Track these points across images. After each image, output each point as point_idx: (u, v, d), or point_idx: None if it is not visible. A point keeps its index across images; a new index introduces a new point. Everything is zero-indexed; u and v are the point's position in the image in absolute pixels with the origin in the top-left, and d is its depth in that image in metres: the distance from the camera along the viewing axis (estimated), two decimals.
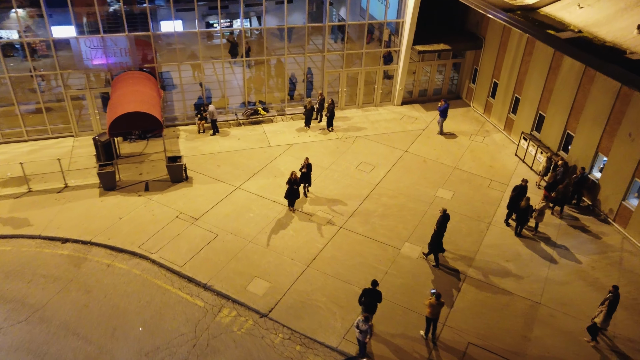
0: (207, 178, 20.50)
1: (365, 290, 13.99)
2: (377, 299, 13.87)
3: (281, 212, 18.82)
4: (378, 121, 25.46)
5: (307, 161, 19.29)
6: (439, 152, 23.12)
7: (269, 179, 20.61)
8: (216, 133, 23.52)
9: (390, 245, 17.55)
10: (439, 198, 20.06)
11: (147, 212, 18.49)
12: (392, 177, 21.14)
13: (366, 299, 13.94)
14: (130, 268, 16.29)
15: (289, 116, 25.31)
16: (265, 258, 16.71)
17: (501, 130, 24.88)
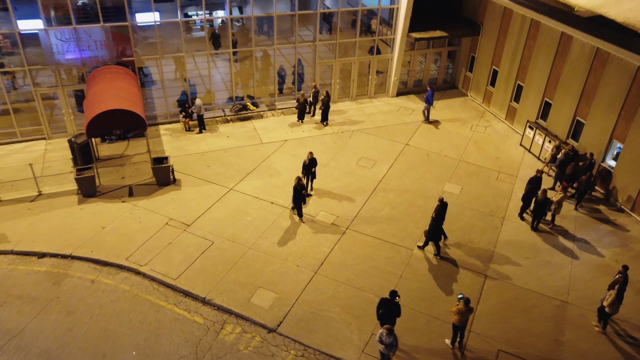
0: (197, 180, 18.83)
1: (383, 301, 12.59)
2: (396, 312, 12.45)
3: (281, 214, 17.31)
4: (374, 114, 24.12)
5: (311, 156, 17.85)
6: (441, 144, 21.91)
7: (264, 179, 19.05)
8: (203, 131, 21.82)
9: (402, 247, 16.23)
10: (447, 193, 18.83)
11: (133, 219, 16.74)
12: (395, 173, 19.82)
13: (383, 311, 12.55)
14: (117, 283, 14.55)
15: (279, 111, 23.76)
16: (268, 266, 15.19)
17: (502, 119, 23.83)
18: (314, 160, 18.04)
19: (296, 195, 16.65)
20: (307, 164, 17.98)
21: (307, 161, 17.98)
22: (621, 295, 13.31)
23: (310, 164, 17.99)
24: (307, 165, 17.99)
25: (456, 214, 17.77)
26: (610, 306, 13.33)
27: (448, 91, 26.73)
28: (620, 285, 13.29)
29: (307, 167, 17.98)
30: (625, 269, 13.56)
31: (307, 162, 17.96)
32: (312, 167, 17.99)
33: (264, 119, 23.19)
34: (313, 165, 18.04)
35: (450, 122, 23.72)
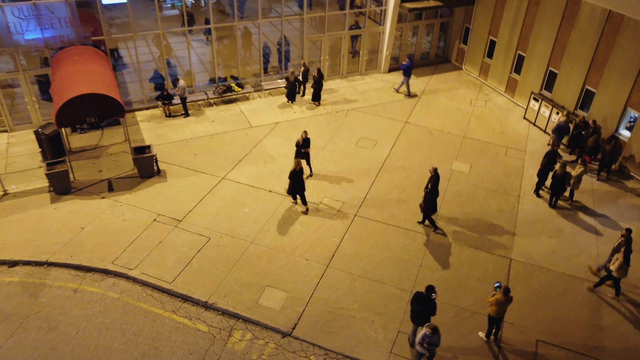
0: (184, 170, 17.00)
1: (417, 296, 11.21)
2: (431, 310, 11.10)
3: (281, 203, 15.71)
4: (367, 91, 22.60)
5: (305, 135, 16.31)
6: (442, 120, 20.61)
7: (259, 166, 17.37)
8: (186, 115, 19.89)
9: (417, 232, 14.90)
10: (456, 172, 17.57)
11: (116, 217, 14.86)
12: (398, 153, 18.43)
13: (415, 307, 11.17)
14: (104, 291, 12.76)
15: (266, 92, 21.97)
16: (274, 262, 13.62)
17: (502, 92, 22.67)
18: (308, 140, 16.54)
19: (297, 181, 15.11)
20: (301, 144, 16.47)
21: (301, 141, 16.46)
22: (628, 258, 12.63)
23: (305, 144, 16.50)
24: (302, 145, 16.48)
25: (469, 194, 16.55)
26: (619, 270, 12.63)
27: (441, 65, 25.42)
28: (625, 248, 12.64)
29: (301, 147, 16.49)
30: (628, 232, 13.02)
31: (300, 142, 16.45)
32: (305, 147, 16.50)
33: (250, 100, 21.39)
34: (306, 146, 16.54)
35: (448, 97, 22.43)
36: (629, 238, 12.98)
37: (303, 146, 16.51)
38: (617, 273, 12.69)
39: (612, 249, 13.41)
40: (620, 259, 12.58)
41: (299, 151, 16.54)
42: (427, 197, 14.42)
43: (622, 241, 13.07)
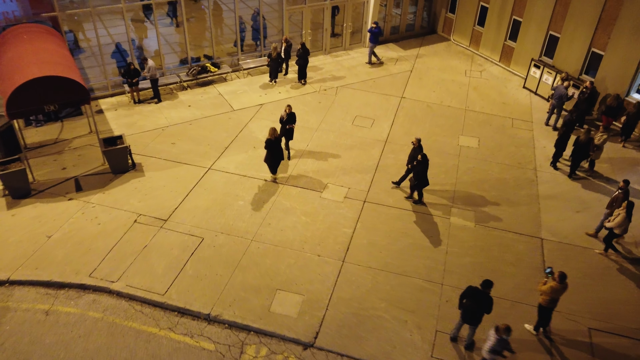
0: (163, 162, 14.83)
1: (470, 290, 9.60)
2: (485, 307, 9.50)
3: (280, 192, 13.83)
4: (355, 67, 20.83)
5: (289, 110, 14.68)
6: (439, 93, 19.10)
7: (248, 152, 15.38)
8: (158, 101, 17.60)
9: (436, 215, 13.35)
10: (465, 147, 16.11)
11: (89, 221, 12.63)
12: (399, 130, 16.80)
13: (468, 303, 9.59)
14: (83, 311, 10.62)
15: (245, 72, 19.87)
16: (281, 260, 11.78)
17: (496, 62, 21.36)
18: (293, 115, 14.82)
19: (274, 151, 13.63)
20: (286, 119, 14.73)
21: (285, 116, 14.74)
22: (630, 213, 11.78)
23: (289, 120, 14.77)
24: (286, 121, 14.75)
25: (483, 170, 15.12)
26: (620, 226, 11.79)
27: (427, 37, 23.89)
28: (628, 202, 11.84)
29: (285, 124, 14.80)
30: (626, 183, 12.38)
31: (284, 118, 14.74)
32: (290, 123, 14.79)
33: (229, 82, 19.25)
34: (291, 121, 14.82)
35: (440, 69, 20.93)
36: (627, 190, 12.26)
37: (287, 122, 14.77)
38: (619, 229, 11.85)
39: (608, 202, 12.56)
40: (622, 214, 11.67)
41: (284, 128, 14.82)
42: (418, 171, 13.01)
43: (619, 194, 12.25)
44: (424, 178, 13.13)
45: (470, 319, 9.58)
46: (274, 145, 13.58)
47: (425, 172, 13.02)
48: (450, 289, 11.31)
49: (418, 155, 13.01)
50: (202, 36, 20.93)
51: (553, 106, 16.94)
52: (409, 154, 13.78)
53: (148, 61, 16.78)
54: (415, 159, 13.08)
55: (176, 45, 20.64)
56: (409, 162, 13.60)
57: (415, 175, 13.19)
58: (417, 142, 13.39)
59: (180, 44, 20.23)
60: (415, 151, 13.34)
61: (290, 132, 15.08)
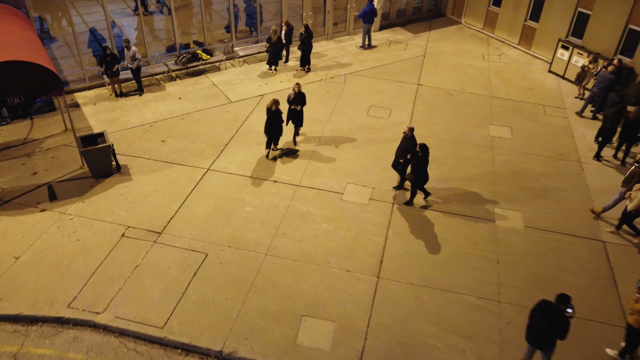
0: (153, 163, 12.64)
1: (542, 307, 7.68)
2: (558, 330, 7.51)
3: (294, 195, 11.77)
4: (361, 52, 18.82)
5: (298, 88, 12.85)
6: (458, 80, 17.21)
7: (251, 149, 13.27)
8: (140, 93, 15.36)
9: (478, 218, 11.43)
10: (497, 138, 14.24)
11: (66, 237, 10.42)
12: (420, 120, 14.86)
13: (537, 321, 7.66)
14: (62, 353, 8.43)
15: (241, 59, 17.71)
16: (304, 278, 9.74)
17: (515, 45, 19.55)
18: (302, 95, 12.95)
19: (274, 123, 12.28)
20: (292, 98, 12.89)
21: (293, 95, 12.88)
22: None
23: (297, 100, 12.87)
24: (292, 100, 12.89)
25: (521, 163, 13.27)
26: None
27: (436, 20, 22.00)
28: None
29: (292, 104, 12.99)
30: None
31: (291, 97, 12.89)
32: (298, 103, 12.91)
33: (223, 71, 17.07)
34: (300, 102, 12.90)
35: (455, 54, 19.05)
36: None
37: (294, 102, 12.84)
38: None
39: (625, 178, 11.14)
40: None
41: (290, 109, 12.98)
42: (418, 164, 11.04)
43: (636, 168, 10.82)
44: (424, 173, 11.18)
45: (539, 342, 7.66)
46: (272, 116, 12.23)
47: (426, 166, 11.09)
48: (509, 307, 9.41)
49: (411, 145, 11.26)
50: (191, 21, 18.70)
51: (593, 95, 15.10)
52: (399, 146, 11.79)
53: (131, 47, 14.52)
54: (409, 150, 11.29)
55: (161, 32, 18.38)
56: (401, 156, 11.62)
57: (415, 169, 11.17)
58: (410, 132, 11.48)
59: (167, 30, 17.98)
60: (408, 142, 11.47)
61: (298, 115, 13.07)
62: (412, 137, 11.46)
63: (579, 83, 16.03)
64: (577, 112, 15.47)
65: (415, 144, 11.27)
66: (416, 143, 11.26)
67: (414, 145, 11.28)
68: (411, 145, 11.35)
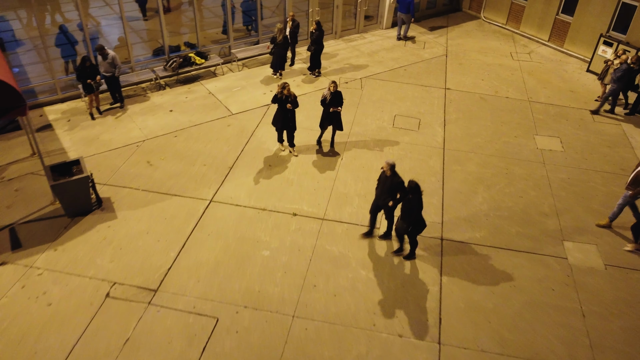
0: (142, 194, 10.28)
1: None
2: None
3: (320, 230, 9.53)
4: (376, 52, 16.63)
5: (334, 87, 10.89)
6: (489, 82, 15.13)
7: (262, 172, 11.00)
8: (121, 106, 12.96)
9: (546, 254, 9.33)
10: (546, 151, 12.17)
11: (33, 300, 8.04)
12: (456, 131, 12.73)
13: None
14: None
15: (240, 62, 15.40)
16: (346, 349, 7.50)
17: (544, 42, 17.55)
18: (339, 95, 11.03)
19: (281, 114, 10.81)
20: (329, 100, 10.93)
21: (329, 96, 10.93)
22: None
23: (334, 101, 10.94)
24: (330, 101, 10.93)
25: (582, 181, 11.22)
26: None
27: (452, 15, 19.92)
28: None
29: (328, 106, 11.01)
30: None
31: (327, 98, 10.95)
32: (336, 105, 10.98)
33: (219, 77, 14.74)
34: (337, 103, 11.01)
35: (480, 52, 16.98)
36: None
37: (331, 104, 10.89)
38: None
39: (629, 180, 9.44)
40: None
41: (326, 112, 11.10)
42: (410, 207, 8.34)
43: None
44: (419, 218, 8.47)
45: None
46: (281, 104, 10.75)
47: (421, 210, 8.40)
48: None
49: (395, 184, 8.51)
50: (180, 20, 16.33)
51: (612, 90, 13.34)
52: (378, 186, 8.96)
53: (109, 52, 12.08)
54: (393, 190, 8.59)
55: (144, 33, 15.96)
56: (385, 200, 8.81)
57: (407, 215, 8.44)
58: (390, 169, 8.51)
59: (153, 31, 15.58)
60: (390, 181, 8.62)
61: (337, 118, 11.20)
62: (394, 174, 8.57)
63: (602, 80, 14.02)
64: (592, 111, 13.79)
65: (401, 184, 8.51)
66: (401, 182, 8.54)
67: (399, 185, 8.52)
68: (396, 186, 8.54)
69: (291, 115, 11.02)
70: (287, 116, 10.92)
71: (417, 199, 8.25)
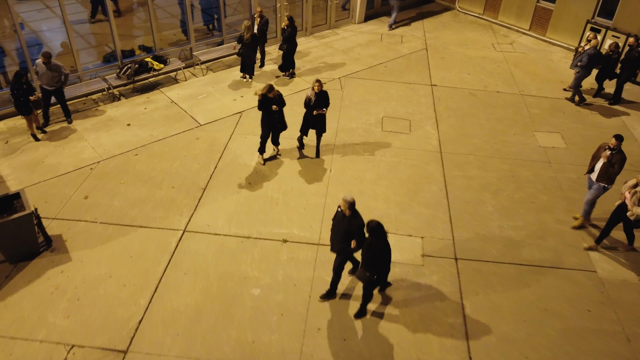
0: (101, 227, 8.62)
1: None
2: None
3: (317, 259, 8.17)
4: (352, 49, 15.35)
5: (319, 87, 9.70)
6: (476, 75, 14.13)
7: (241, 192, 9.52)
8: (69, 120, 11.19)
9: (573, 268, 8.29)
10: (549, 149, 11.22)
11: None
12: (450, 132, 11.60)
13: None
14: None
15: (203, 65, 13.81)
16: None
17: (525, 31, 16.72)
18: (325, 95, 9.85)
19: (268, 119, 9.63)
20: (314, 102, 9.73)
21: (313, 97, 9.74)
22: None
23: (320, 101, 9.75)
24: (315, 102, 9.72)
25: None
26: None
27: (424, 7, 18.87)
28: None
29: (313, 108, 9.80)
30: None
31: (312, 99, 9.75)
32: (321, 106, 9.79)
33: (182, 83, 13.10)
34: (323, 104, 9.82)
35: (460, 45, 15.97)
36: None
37: (316, 105, 9.68)
38: None
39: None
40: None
41: (310, 114, 9.90)
42: (371, 257, 6.73)
43: None
44: (387, 262, 6.87)
45: None
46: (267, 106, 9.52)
47: (389, 254, 6.78)
48: None
49: (354, 228, 6.84)
50: (132, 21, 14.58)
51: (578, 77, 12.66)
52: (333, 227, 7.23)
53: (53, 62, 10.28)
54: (348, 235, 6.93)
55: (90, 37, 14.12)
56: (341, 244, 7.07)
57: (369, 262, 6.76)
58: (349, 207, 6.82)
59: (102, 35, 13.77)
60: (344, 221, 6.93)
61: (322, 121, 10.01)
62: (355, 213, 6.90)
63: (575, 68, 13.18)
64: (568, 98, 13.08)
65: (360, 227, 6.80)
66: (361, 225, 6.79)
67: (358, 229, 6.83)
68: (355, 227, 6.84)
69: (278, 115, 9.70)
70: (274, 118, 9.62)
71: (381, 243, 6.57)
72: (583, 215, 9.10)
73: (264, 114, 9.76)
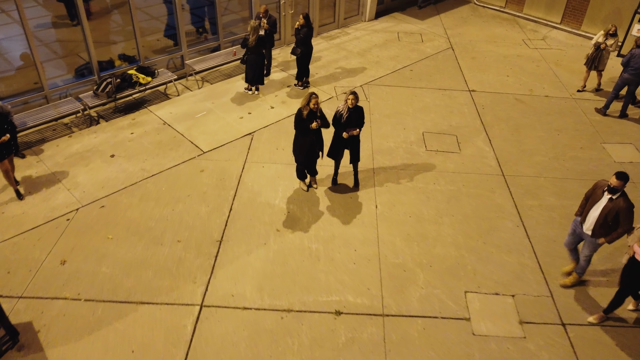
0: (87, 306, 6.32)
1: None
2: None
3: (385, 336, 6.05)
4: (368, 50, 13.25)
5: (354, 101, 7.55)
6: (517, 77, 12.23)
7: (269, 245, 7.32)
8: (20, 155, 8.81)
9: None
10: (627, 164, 9.37)
11: None
12: (507, 148, 9.64)
13: None
14: None
15: (198, 76, 11.53)
16: None
17: (556, 24, 14.94)
18: (360, 111, 7.71)
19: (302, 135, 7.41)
20: (346, 118, 7.62)
21: (346, 112, 7.61)
22: None
23: (352, 119, 7.63)
24: (348, 119, 7.59)
25: None
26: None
27: (440, 3, 16.91)
28: None
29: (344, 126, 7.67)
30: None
31: (344, 115, 7.63)
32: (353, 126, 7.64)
33: (174, 98, 10.79)
34: (356, 123, 7.66)
35: (488, 42, 14.08)
36: None
37: (350, 122, 7.54)
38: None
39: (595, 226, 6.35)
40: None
41: (339, 135, 7.82)
42: None
43: None
44: None
45: None
46: (304, 125, 7.43)
47: None
48: None
49: None
50: (108, 25, 12.15)
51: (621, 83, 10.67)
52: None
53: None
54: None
55: (58, 46, 11.64)
56: None
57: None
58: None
59: (71, 42, 11.31)
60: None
61: (355, 143, 7.89)
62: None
63: (591, 68, 11.40)
64: (597, 109, 10.98)
65: None
66: None
67: None
68: None
69: (317, 137, 7.57)
70: (312, 140, 7.50)
71: None
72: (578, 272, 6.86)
73: (298, 134, 7.60)
